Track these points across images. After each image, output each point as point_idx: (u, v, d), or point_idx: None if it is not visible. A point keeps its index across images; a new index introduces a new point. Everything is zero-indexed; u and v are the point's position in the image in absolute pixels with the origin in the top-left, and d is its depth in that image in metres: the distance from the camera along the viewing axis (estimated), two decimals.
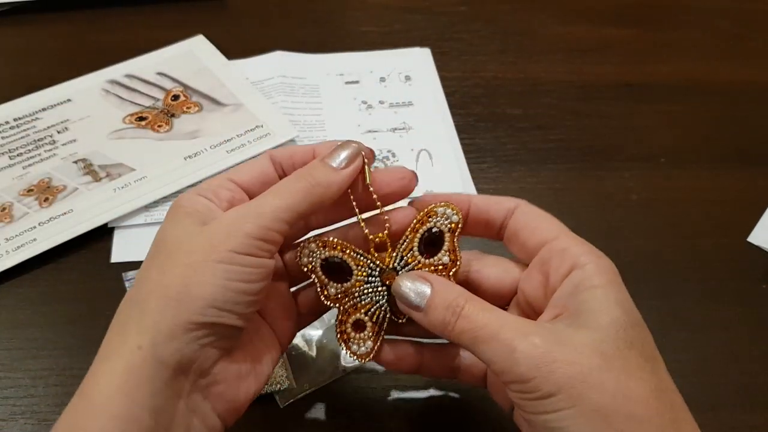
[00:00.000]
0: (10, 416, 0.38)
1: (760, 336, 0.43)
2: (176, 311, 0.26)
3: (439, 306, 0.29)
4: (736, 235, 0.48)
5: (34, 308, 0.43)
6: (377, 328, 0.33)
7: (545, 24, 0.66)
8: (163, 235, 0.29)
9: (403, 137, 0.54)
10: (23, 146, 0.52)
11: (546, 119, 0.57)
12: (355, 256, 0.32)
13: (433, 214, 0.32)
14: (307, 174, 0.30)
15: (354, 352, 0.33)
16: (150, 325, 0.26)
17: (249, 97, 0.56)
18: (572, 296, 0.28)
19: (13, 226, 0.46)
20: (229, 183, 0.31)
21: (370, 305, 0.32)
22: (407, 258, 0.32)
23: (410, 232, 0.32)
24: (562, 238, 0.30)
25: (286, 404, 0.38)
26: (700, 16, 0.67)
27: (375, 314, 0.33)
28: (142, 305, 0.27)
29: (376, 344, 0.33)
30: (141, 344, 0.26)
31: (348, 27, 0.65)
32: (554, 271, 0.30)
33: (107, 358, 0.27)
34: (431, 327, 0.30)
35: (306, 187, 0.29)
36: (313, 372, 0.39)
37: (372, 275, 0.32)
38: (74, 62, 0.59)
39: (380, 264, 0.32)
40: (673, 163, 0.53)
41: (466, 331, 0.28)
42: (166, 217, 0.30)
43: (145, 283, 0.28)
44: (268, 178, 0.32)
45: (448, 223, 0.32)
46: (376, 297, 0.32)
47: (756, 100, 0.59)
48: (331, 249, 0.31)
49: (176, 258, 0.27)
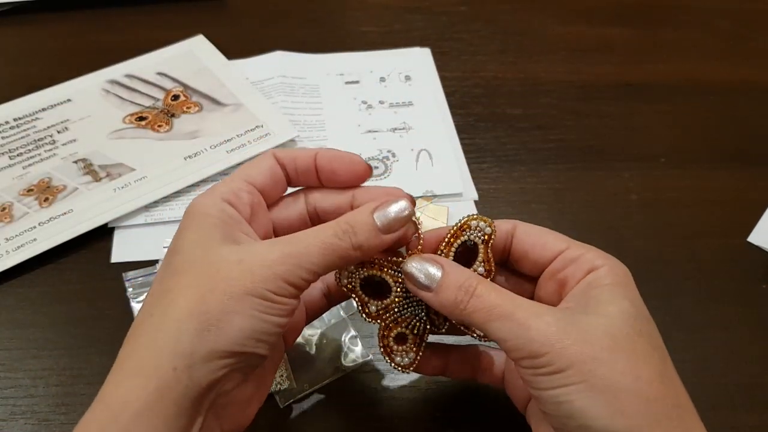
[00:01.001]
0: (10, 416, 0.38)
1: (760, 336, 0.43)
2: (215, 338, 0.27)
3: (451, 286, 0.30)
4: (736, 235, 0.48)
5: (34, 308, 0.43)
6: (418, 339, 0.34)
7: (545, 24, 0.66)
8: (187, 247, 0.29)
9: (403, 137, 0.54)
10: (23, 146, 0.52)
11: (546, 119, 0.57)
12: (392, 273, 0.32)
13: (466, 228, 0.33)
14: (351, 232, 0.29)
15: (398, 363, 0.34)
16: (188, 349, 0.26)
17: (249, 97, 0.56)
18: (584, 293, 0.30)
19: (13, 226, 0.46)
20: (244, 184, 0.31)
21: (410, 318, 0.33)
22: None
23: (445, 246, 0.33)
24: (574, 248, 0.31)
25: (286, 404, 0.38)
26: (700, 16, 0.67)
27: (415, 326, 0.33)
28: (179, 326, 0.27)
29: (417, 355, 0.34)
30: (176, 366, 0.26)
31: (348, 27, 0.65)
32: (571, 276, 0.31)
33: (136, 374, 0.27)
34: (441, 307, 0.30)
35: (346, 249, 0.29)
36: (313, 372, 0.39)
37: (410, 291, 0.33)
38: (74, 62, 0.59)
39: None
40: (673, 163, 0.53)
41: (479, 309, 0.29)
42: (186, 224, 0.30)
43: (178, 301, 0.27)
44: (278, 178, 0.33)
45: (482, 235, 0.33)
46: (415, 310, 0.33)
47: (756, 100, 0.59)
48: (369, 268, 0.32)
49: (215, 284, 0.27)
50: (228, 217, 0.30)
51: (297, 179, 0.34)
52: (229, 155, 0.51)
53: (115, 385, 0.27)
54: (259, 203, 0.32)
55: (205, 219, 0.29)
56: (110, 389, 0.27)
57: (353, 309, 0.43)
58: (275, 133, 0.53)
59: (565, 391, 0.27)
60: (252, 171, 0.32)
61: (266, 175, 0.32)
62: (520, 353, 0.28)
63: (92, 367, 0.40)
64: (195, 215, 0.30)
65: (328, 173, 0.33)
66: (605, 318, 0.28)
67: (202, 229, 0.29)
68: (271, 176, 0.32)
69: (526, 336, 0.28)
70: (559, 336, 0.27)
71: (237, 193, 0.31)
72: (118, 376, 0.27)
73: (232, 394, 0.29)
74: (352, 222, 0.30)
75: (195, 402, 0.27)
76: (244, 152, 0.52)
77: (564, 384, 0.27)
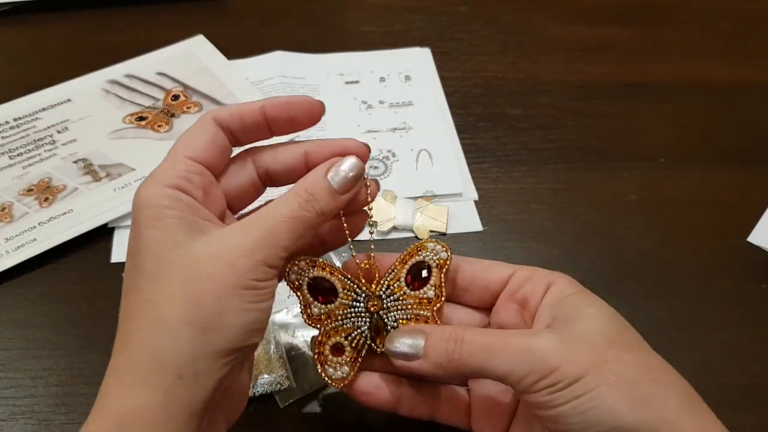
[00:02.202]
0: (10, 416, 0.38)
1: (760, 336, 0.43)
2: (215, 341, 0.26)
3: (438, 343, 0.29)
4: (736, 235, 0.48)
5: (34, 308, 0.43)
6: (355, 354, 0.32)
7: (545, 24, 0.66)
8: (156, 246, 0.27)
9: (403, 137, 0.54)
10: (23, 146, 0.52)
11: (546, 119, 0.57)
12: (342, 279, 0.32)
13: (423, 249, 0.33)
14: (313, 200, 0.29)
15: (329, 375, 0.32)
16: (190, 357, 0.26)
17: (249, 97, 0.56)
18: (554, 307, 0.30)
19: (13, 226, 0.46)
20: (192, 164, 0.29)
21: (351, 329, 0.32)
22: (393, 288, 0.33)
23: (399, 263, 0.33)
24: (521, 270, 0.33)
25: (286, 404, 0.38)
26: (700, 16, 0.67)
27: (355, 339, 0.32)
28: (176, 334, 0.26)
29: (352, 370, 0.32)
30: (181, 374, 0.26)
31: (348, 27, 0.65)
32: (531, 294, 0.31)
33: (142, 386, 0.26)
34: (434, 367, 0.30)
35: (312, 218, 0.29)
36: (313, 372, 0.39)
37: (357, 300, 0.32)
38: (74, 62, 0.59)
39: (366, 290, 0.32)
40: (673, 163, 0.53)
41: (474, 353, 0.29)
42: (142, 220, 0.28)
43: (167, 308, 0.26)
44: (223, 148, 0.31)
45: (437, 259, 0.33)
46: (358, 322, 0.32)
47: (756, 100, 0.59)
48: (320, 269, 0.32)
49: (200, 284, 0.27)
50: (185, 206, 0.28)
51: (244, 138, 0.32)
52: None
53: (117, 397, 0.26)
54: (210, 182, 0.30)
55: (161, 212, 0.27)
56: (112, 401, 0.26)
57: None
58: None
59: (589, 397, 0.27)
60: (193, 144, 0.30)
61: (209, 147, 0.30)
62: (530, 378, 0.27)
63: (92, 367, 0.40)
64: (148, 209, 0.28)
65: (283, 122, 0.31)
66: (593, 322, 0.29)
67: (162, 226, 0.27)
68: (215, 146, 0.30)
69: (531, 359, 0.27)
70: (564, 347, 0.27)
71: (187, 177, 0.29)
72: (119, 388, 0.26)
73: (232, 387, 0.30)
74: (311, 189, 0.29)
75: (205, 404, 0.27)
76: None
77: (585, 391, 0.27)
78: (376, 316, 0.32)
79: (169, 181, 0.28)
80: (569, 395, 0.27)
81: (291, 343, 0.40)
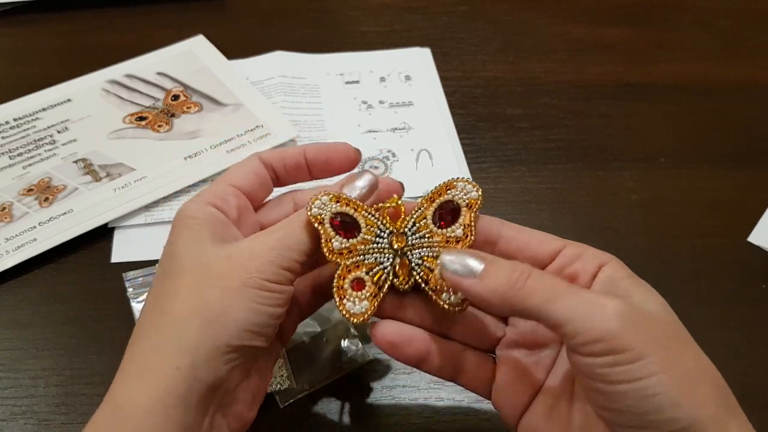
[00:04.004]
0: (10, 416, 0.38)
1: (760, 336, 0.43)
2: (216, 333, 0.27)
3: (501, 270, 0.27)
4: (736, 235, 0.48)
5: (34, 308, 0.43)
6: (376, 289, 0.31)
7: (545, 24, 0.66)
8: (180, 250, 0.30)
9: (403, 137, 0.54)
10: (23, 146, 0.52)
11: (546, 119, 0.57)
12: (366, 215, 0.31)
13: (452, 187, 0.32)
14: None
15: (348, 310, 0.30)
16: (191, 346, 0.27)
17: (249, 97, 0.56)
18: (611, 286, 0.29)
19: (13, 226, 0.46)
20: (230, 188, 0.32)
21: (373, 265, 0.31)
22: (419, 225, 0.31)
23: (426, 201, 0.32)
24: (571, 245, 0.31)
25: (286, 404, 0.38)
26: (700, 16, 0.67)
27: (377, 275, 0.31)
28: (181, 324, 0.28)
29: (372, 306, 0.30)
30: (180, 365, 0.27)
31: (348, 27, 0.65)
32: (582, 272, 0.30)
33: (141, 375, 0.27)
34: (487, 292, 0.27)
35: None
36: (313, 372, 0.39)
37: (380, 236, 0.31)
38: (74, 62, 0.59)
39: (390, 226, 0.31)
40: (673, 163, 0.53)
41: (539, 290, 0.26)
42: (176, 229, 0.30)
43: (177, 301, 0.28)
44: (264, 180, 0.34)
45: (467, 198, 0.31)
46: (380, 258, 0.31)
47: (756, 100, 0.59)
48: (343, 204, 0.31)
49: (211, 281, 0.28)
50: (216, 220, 0.30)
51: (286, 177, 0.34)
52: (229, 155, 0.51)
53: (122, 386, 0.27)
54: (245, 206, 0.33)
55: (194, 222, 0.30)
56: (117, 391, 0.27)
57: None
58: (275, 133, 0.53)
59: (652, 382, 0.25)
60: (236, 174, 0.33)
61: (251, 178, 0.33)
62: (588, 335, 0.25)
63: (92, 367, 0.40)
64: (184, 219, 0.31)
65: (321, 165, 0.34)
66: (653, 307, 0.28)
67: (192, 233, 0.30)
68: (255, 178, 0.33)
69: (598, 315, 0.25)
70: (633, 318, 0.25)
71: (223, 197, 0.32)
72: (125, 378, 0.28)
73: (236, 392, 0.30)
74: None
75: (200, 401, 0.27)
76: (244, 152, 0.51)
77: (647, 375, 0.25)
78: (400, 252, 0.31)
79: (206, 199, 0.31)
80: (631, 374, 0.25)
81: (291, 342, 0.40)
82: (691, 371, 0.26)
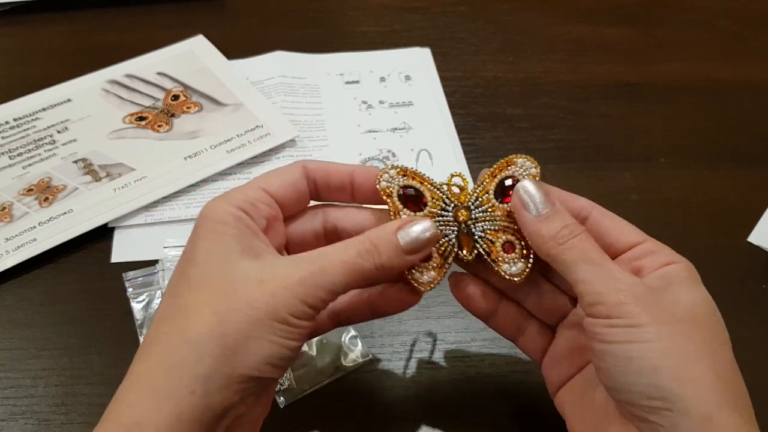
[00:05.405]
0: (10, 416, 0.38)
1: (760, 336, 0.43)
2: (234, 363, 0.26)
3: (557, 221, 0.30)
4: (736, 235, 0.48)
5: (34, 308, 0.43)
6: (442, 261, 0.32)
7: (545, 24, 0.66)
8: (205, 259, 0.28)
9: (403, 137, 0.54)
10: (23, 146, 0.52)
11: (546, 119, 0.57)
12: (431, 189, 0.33)
13: (512, 163, 0.33)
14: (375, 252, 0.29)
15: (416, 279, 0.31)
16: (206, 373, 0.26)
17: (249, 97, 0.56)
18: (660, 279, 0.30)
19: (13, 226, 0.46)
20: (263, 195, 0.30)
21: (439, 237, 0.32)
22: (482, 200, 0.33)
23: (488, 177, 0.33)
24: (651, 242, 0.32)
25: (286, 404, 0.38)
26: (700, 16, 0.67)
27: (442, 246, 0.32)
28: (197, 347, 0.26)
29: (439, 276, 0.32)
30: (194, 390, 0.26)
31: (348, 27, 0.65)
32: (648, 266, 0.30)
33: (151, 394, 0.26)
34: (535, 234, 0.30)
35: (369, 269, 0.28)
36: (313, 372, 0.39)
37: (445, 209, 0.33)
38: (74, 62, 0.59)
39: (455, 200, 0.33)
40: (673, 163, 0.53)
41: (575, 248, 0.29)
42: (201, 233, 0.28)
43: (196, 320, 0.26)
44: (301, 193, 0.32)
45: (526, 174, 0.33)
46: (446, 230, 0.32)
47: (756, 100, 0.59)
48: (410, 178, 0.32)
49: (234, 304, 0.26)
50: (245, 227, 0.29)
51: (327, 194, 0.33)
52: (229, 155, 0.51)
53: (128, 404, 0.26)
54: (276, 216, 0.31)
55: (222, 228, 0.28)
56: (123, 408, 0.26)
57: None
58: (275, 133, 0.53)
59: (640, 348, 0.26)
60: (275, 181, 0.31)
61: (289, 189, 0.31)
62: (598, 297, 0.27)
63: (92, 367, 0.40)
64: (210, 222, 0.29)
65: (368, 193, 0.32)
66: (686, 298, 0.28)
67: (219, 239, 0.28)
68: (294, 190, 0.31)
69: (611, 285, 0.27)
70: (644, 295, 0.27)
71: (254, 204, 0.30)
72: (131, 395, 0.26)
73: (246, 415, 0.28)
74: (376, 241, 0.29)
75: (209, 426, 0.26)
76: (244, 152, 0.52)
77: (640, 340, 0.26)
78: (464, 225, 0.32)
79: (236, 202, 0.29)
80: (623, 336, 0.27)
81: None
82: (693, 353, 0.26)
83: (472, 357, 0.41)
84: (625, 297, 0.27)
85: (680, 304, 0.28)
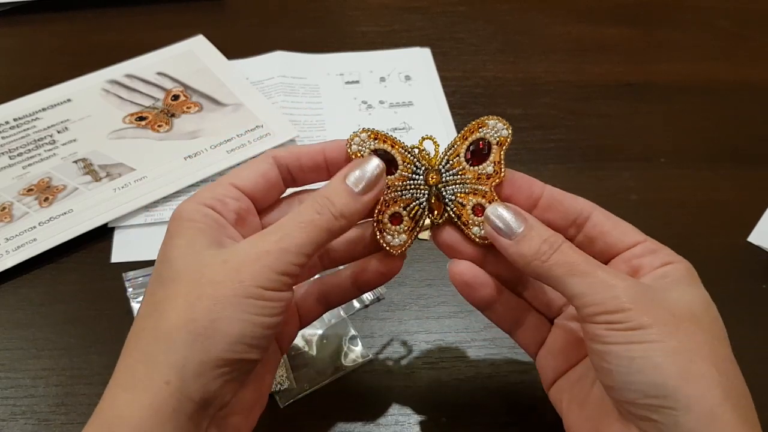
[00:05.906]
0: (10, 416, 0.38)
1: (760, 336, 0.43)
2: (205, 347, 0.26)
3: (535, 238, 0.29)
4: (736, 235, 0.48)
5: (34, 308, 0.43)
6: (413, 224, 0.33)
7: (545, 24, 0.66)
8: (175, 255, 0.28)
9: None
10: (23, 146, 0.52)
11: (546, 119, 0.57)
12: (402, 152, 0.32)
13: (483, 125, 0.33)
14: (329, 203, 0.29)
15: (387, 242, 0.32)
16: (179, 360, 0.26)
17: (249, 97, 0.56)
18: (662, 279, 0.30)
19: (13, 226, 0.46)
20: (232, 190, 0.30)
21: (410, 201, 0.33)
22: (453, 162, 0.33)
23: (459, 139, 0.33)
24: (651, 242, 0.32)
25: (286, 404, 0.38)
26: (700, 16, 0.67)
27: (413, 210, 0.33)
28: (169, 337, 0.26)
29: (410, 239, 0.33)
30: (169, 379, 0.26)
31: (348, 27, 0.65)
32: (647, 265, 0.30)
33: (130, 388, 0.26)
34: (518, 256, 0.30)
35: (329, 220, 0.29)
36: (313, 372, 0.39)
37: (416, 173, 0.33)
38: (74, 62, 0.59)
39: (426, 164, 0.33)
40: (673, 163, 0.53)
41: (561, 263, 0.29)
42: (171, 232, 0.29)
43: (168, 312, 0.27)
44: (272, 183, 0.32)
45: (497, 136, 0.33)
46: (416, 194, 0.33)
47: (756, 100, 0.59)
48: (381, 142, 0.32)
49: (201, 289, 0.27)
50: (213, 222, 0.29)
51: (303, 178, 0.33)
52: (229, 155, 0.51)
53: (111, 400, 0.26)
54: (247, 209, 0.31)
55: (190, 224, 0.29)
56: (106, 404, 0.26)
57: (353, 309, 0.43)
58: (275, 133, 0.53)
59: (643, 347, 0.26)
60: (242, 174, 0.31)
61: (259, 181, 0.31)
62: (597, 308, 0.27)
63: (92, 367, 0.40)
64: (179, 221, 0.29)
65: (342, 164, 0.32)
66: (685, 295, 0.28)
67: (187, 236, 0.28)
68: (264, 181, 0.31)
69: (607, 293, 0.27)
70: (642, 297, 0.27)
71: (221, 199, 0.30)
72: (114, 391, 0.27)
73: (231, 403, 0.29)
74: (327, 193, 0.29)
75: (192, 417, 0.26)
76: (244, 152, 0.52)
77: (642, 341, 0.26)
78: (435, 188, 0.33)
79: (204, 200, 0.29)
80: (625, 338, 0.27)
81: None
82: (694, 351, 0.27)
83: (472, 357, 0.41)
84: (623, 302, 0.27)
85: (679, 303, 0.28)
